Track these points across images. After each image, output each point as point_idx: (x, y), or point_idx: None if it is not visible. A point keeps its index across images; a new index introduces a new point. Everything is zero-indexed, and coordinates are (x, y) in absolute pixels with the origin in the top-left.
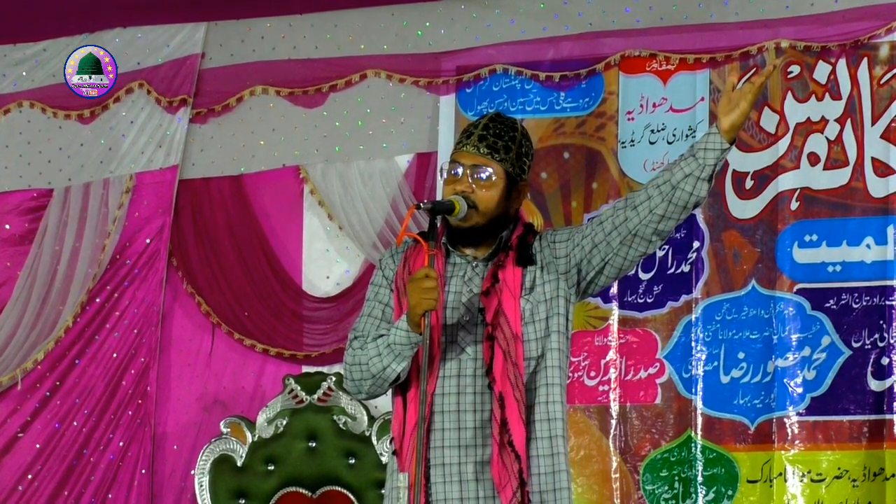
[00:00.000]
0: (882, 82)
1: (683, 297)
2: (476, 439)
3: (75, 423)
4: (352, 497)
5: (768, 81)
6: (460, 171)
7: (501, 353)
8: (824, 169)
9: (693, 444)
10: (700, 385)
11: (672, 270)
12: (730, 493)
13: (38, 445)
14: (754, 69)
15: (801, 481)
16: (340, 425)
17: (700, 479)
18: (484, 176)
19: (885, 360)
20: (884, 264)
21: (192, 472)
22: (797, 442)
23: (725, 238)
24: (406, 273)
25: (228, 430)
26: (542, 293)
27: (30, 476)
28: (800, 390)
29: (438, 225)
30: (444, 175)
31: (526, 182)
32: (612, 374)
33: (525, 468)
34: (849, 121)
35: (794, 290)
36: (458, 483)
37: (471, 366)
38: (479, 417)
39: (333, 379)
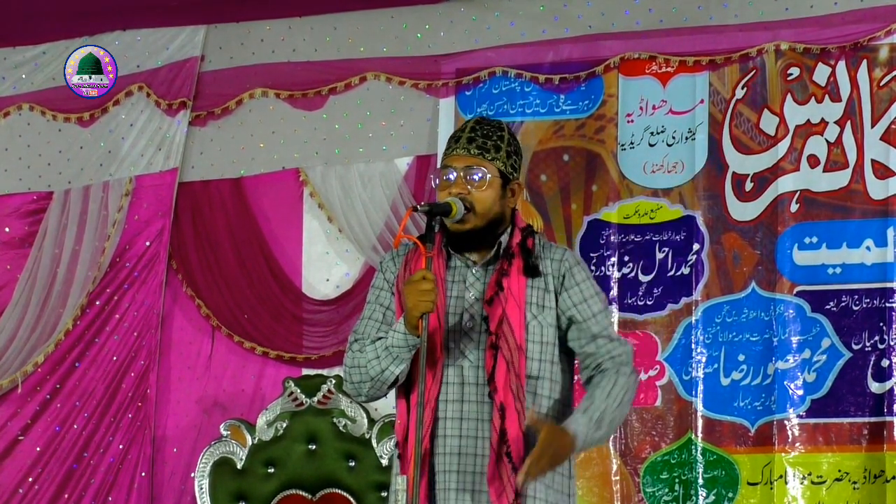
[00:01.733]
0: (881, 84)
1: (683, 300)
2: (476, 448)
3: (75, 426)
4: (352, 499)
5: (769, 84)
6: (453, 175)
7: (504, 364)
8: (824, 171)
9: (693, 447)
10: (700, 387)
11: (672, 273)
12: (730, 495)
13: (38, 448)
14: (753, 71)
15: (802, 483)
16: (340, 428)
17: (700, 481)
18: (477, 177)
19: (885, 363)
20: (884, 266)
21: (192, 474)
22: (797, 444)
23: (725, 240)
24: (407, 276)
25: (228, 432)
26: (551, 317)
27: (30, 479)
28: (800, 392)
29: (436, 227)
30: (437, 181)
31: (518, 181)
32: None
33: None
34: (848, 123)
35: (794, 292)
36: (459, 491)
37: (473, 374)
38: (480, 426)
39: (333, 381)
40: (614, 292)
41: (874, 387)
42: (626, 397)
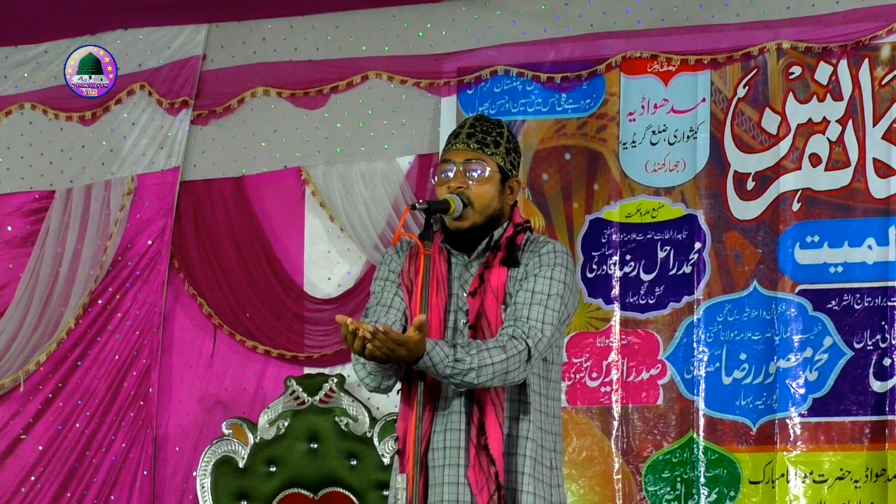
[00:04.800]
0: (883, 83)
1: (685, 298)
2: (460, 441)
3: (77, 425)
4: (353, 498)
5: (771, 82)
6: (452, 170)
7: None
8: (826, 170)
9: (695, 446)
10: (702, 386)
11: (674, 271)
12: (732, 494)
13: (40, 447)
14: (755, 70)
15: (804, 482)
16: (342, 427)
17: (702, 480)
18: (476, 172)
19: (886, 361)
20: (885, 265)
21: (194, 473)
22: (799, 443)
23: (727, 239)
24: (413, 272)
25: (230, 431)
26: None
27: (32, 478)
28: (802, 391)
29: (435, 225)
30: (436, 177)
31: (517, 178)
32: (614, 375)
33: (501, 471)
34: (850, 122)
35: (796, 291)
36: (448, 485)
37: None
38: (464, 419)
39: (335, 380)
40: (616, 291)
41: (876, 385)
42: (498, 368)
